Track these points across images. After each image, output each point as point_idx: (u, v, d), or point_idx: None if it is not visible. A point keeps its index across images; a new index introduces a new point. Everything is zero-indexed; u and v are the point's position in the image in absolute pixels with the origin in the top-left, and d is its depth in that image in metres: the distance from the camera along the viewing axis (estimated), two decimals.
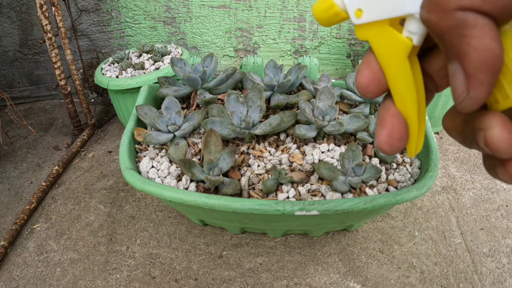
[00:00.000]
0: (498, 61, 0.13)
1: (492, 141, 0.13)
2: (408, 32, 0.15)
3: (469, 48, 0.12)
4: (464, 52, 0.13)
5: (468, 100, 0.13)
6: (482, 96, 0.13)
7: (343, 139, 0.66)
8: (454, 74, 0.14)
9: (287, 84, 0.72)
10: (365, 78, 0.16)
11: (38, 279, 0.68)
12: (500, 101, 0.14)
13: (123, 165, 0.58)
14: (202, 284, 0.66)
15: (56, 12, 0.94)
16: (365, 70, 0.16)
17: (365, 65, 0.16)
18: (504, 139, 0.13)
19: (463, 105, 0.14)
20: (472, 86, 0.13)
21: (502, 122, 0.13)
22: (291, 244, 0.73)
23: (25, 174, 0.96)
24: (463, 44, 0.13)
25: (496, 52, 0.12)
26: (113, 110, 1.25)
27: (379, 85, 0.16)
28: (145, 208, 0.83)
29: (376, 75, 0.16)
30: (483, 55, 0.12)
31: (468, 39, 0.12)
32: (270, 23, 1.16)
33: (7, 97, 0.94)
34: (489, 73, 0.13)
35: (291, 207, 0.49)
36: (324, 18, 0.17)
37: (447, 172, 0.91)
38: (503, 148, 0.13)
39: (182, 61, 0.77)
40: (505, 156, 0.14)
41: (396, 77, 0.15)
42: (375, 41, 0.16)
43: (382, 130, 0.17)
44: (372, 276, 0.67)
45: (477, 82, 0.13)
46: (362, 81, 0.16)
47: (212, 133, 0.61)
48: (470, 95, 0.13)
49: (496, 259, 0.69)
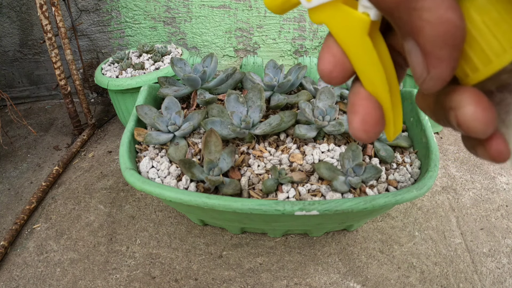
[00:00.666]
0: (458, 33, 0.11)
1: (465, 121, 0.12)
2: (363, 7, 0.13)
3: (422, 23, 0.11)
4: (418, 28, 0.11)
5: (430, 81, 0.12)
6: (445, 75, 0.12)
7: (343, 139, 0.66)
8: (410, 53, 0.12)
9: (287, 84, 0.72)
10: (328, 63, 0.14)
11: (38, 279, 0.68)
12: (469, 74, 0.12)
13: (123, 165, 0.58)
14: (202, 284, 0.66)
15: (56, 12, 0.94)
16: (326, 55, 0.14)
17: (326, 50, 0.14)
18: (478, 117, 0.12)
19: (425, 86, 0.12)
20: (432, 65, 0.12)
21: (475, 98, 0.12)
22: (291, 244, 0.73)
23: (25, 174, 0.96)
24: (414, 18, 0.11)
25: (454, 23, 0.11)
26: (113, 110, 1.25)
27: (343, 69, 0.14)
28: (145, 208, 0.83)
29: (339, 59, 0.14)
30: (439, 29, 0.11)
31: (419, 12, 0.11)
32: (270, 23, 1.16)
33: (7, 97, 0.94)
34: (449, 48, 0.11)
35: (291, 207, 0.49)
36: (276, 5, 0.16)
37: (447, 172, 0.91)
38: (478, 128, 0.12)
39: (182, 61, 0.77)
40: (482, 136, 0.12)
41: (359, 57, 0.14)
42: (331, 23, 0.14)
43: (355, 117, 0.15)
44: (372, 276, 0.67)
45: (436, 59, 0.11)
46: (324, 67, 0.14)
47: (212, 133, 0.61)
48: (431, 74, 0.12)
49: (496, 259, 0.69)
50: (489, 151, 0.13)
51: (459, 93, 0.12)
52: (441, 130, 1.07)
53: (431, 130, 0.62)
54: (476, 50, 0.12)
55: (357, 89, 0.15)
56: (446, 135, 1.05)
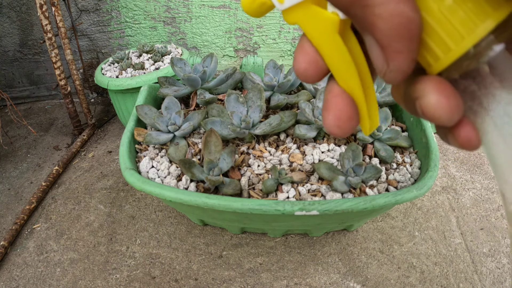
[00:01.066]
0: (411, 25, 0.11)
1: (429, 109, 0.12)
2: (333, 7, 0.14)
3: (375, 18, 0.11)
4: (371, 23, 0.11)
5: (390, 73, 0.12)
6: (404, 66, 0.12)
7: (343, 139, 0.66)
8: (370, 47, 0.12)
9: (287, 84, 0.72)
10: (302, 62, 0.15)
11: (38, 279, 0.68)
12: (432, 64, 0.12)
13: (123, 165, 0.58)
14: (202, 284, 0.66)
15: (56, 12, 0.94)
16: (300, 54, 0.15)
17: (300, 49, 0.15)
18: (442, 106, 0.12)
19: (387, 78, 0.12)
20: (390, 58, 0.12)
21: (438, 87, 0.12)
22: (291, 244, 0.73)
23: (25, 174, 0.96)
24: (367, 14, 0.11)
25: (406, 15, 0.11)
26: (113, 110, 1.25)
27: (317, 68, 0.15)
28: (145, 208, 0.83)
29: (313, 58, 0.15)
30: (392, 22, 0.11)
31: (371, 8, 0.11)
32: (270, 23, 1.16)
33: (7, 97, 0.94)
34: (404, 40, 0.11)
35: (291, 207, 0.49)
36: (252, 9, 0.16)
37: (447, 172, 0.91)
38: (442, 115, 0.12)
39: (182, 61, 0.77)
40: (448, 123, 0.12)
41: (331, 55, 0.14)
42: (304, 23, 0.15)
43: (328, 114, 0.15)
44: (372, 276, 0.67)
45: (393, 52, 0.12)
46: (299, 66, 0.15)
47: (212, 133, 0.61)
48: (390, 67, 0.12)
49: (496, 259, 0.69)
50: (458, 138, 0.13)
51: (422, 82, 0.12)
52: None
53: (431, 130, 0.62)
54: (435, 39, 0.12)
55: (331, 86, 0.15)
56: None
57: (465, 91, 0.13)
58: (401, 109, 0.74)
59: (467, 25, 0.11)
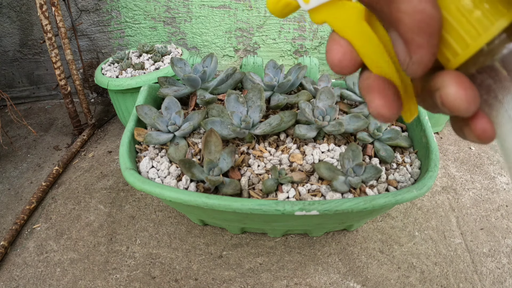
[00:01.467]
0: (433, 21, 0.12)
1: (448, 100, 0.13)
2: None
3: (399, 14, 0.12)
4: (396, 18, 0.12)
5: (412, 65, 0.13)
6: (426, 59, 0.13)
7: (343, 139, 0.66)
8: (394, 41, 0.13)
9: (287, 84, 0.72)
10: (336, 53, 0.15)
11: (38, 279, 0.68)
12: (451, 59, 0.13)
13: (123, 165, 0.58)
14: (202, 284, 0.66)
15: (56, 12, 0.94)
16: (333, 46, 0.15)
17: (332, 42, 0.15)
18: (460, 96, 0.13)
19: (409, 70, 0.13)
20: (413, 51, 0.13)
21: (457, 79, 0.13)
22: (291, 244, 0.73)
23: (25, 174, 0.96)
24: (393, 10, 0.12)
25: (428, 12, 0.12)
26: (113, 110, 1.25)
27: (351, 58, 0.15)
28: (145, 208, 0.83)
29: (346, 49, 0.15)
30: (415, 18, 0.12)
31: (396, 4, 0.12)
32: (270, 23, 1.16)
33: (7, 97, 0.94)
34: (426, 35, 0.12)
35: (291, 207, 0.49)
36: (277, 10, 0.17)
37: (447, 172, 0.91)
38: (461, 106, 0.13)
39: (182, 61, 0.77)
40: (465, 114, 0.13)
41: (360, 42, 0.15)
42: (331, 19, 0.15)
43: (374, 94, 0.15)
44: (372, 276, 0.67)
45: (416, 46, 0.13)
46: (334, 57, 0.15)
47: (212, 133, 0.61)
48: (413, 60, 0.13)
49: (496, 259, 0.69)
50: (474, 130, 0.14)
51: (442, 76, 0.13)
52: (441, 130, 1.07)
53: (431, 130, 0.62)
54: (454, 36, 0.13)
55: (367, 74, 0.16)
56: (446, 135, 1.05)
57: (481, 85, 0.13)
58: None
59: (483, 23, 0.12)
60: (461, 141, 1.03)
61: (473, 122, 0.14)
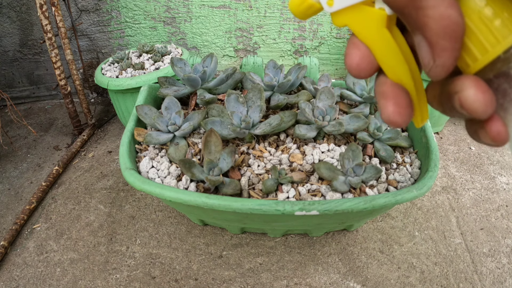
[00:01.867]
0: (457, 27, 0.13)
1: (467, 102, 0.13)
2: (380, 4, 0.15)
3: (426, 19, 0.13)
4: (423, 23, 0.13)
5: (436, 68, 0.14)
6: (449, 62, 0.13)
7: (343, 139, 0.66)
8: (419, 45, 0.14)
9: (287, 84, 0.72)
10: (355, 57, 0.16)
11: (38, 279, 0.68)
12: (470, 64, 0.14)
13: (123, 165, 0.58)
14: (202, 284, 0.66)
15: (56, 12, 0.94)
16: (352, 50, 0.16)
17: (351, 46, 0.16)
18: (479, 99, 0.13)
19: (432, 73, 0.14)
20: (437, 54, 0.13)
21: (475, 83, 0.13)
22: (291, 244, 0.73)
23: (25, 174, 0.96)
24: (420, 15, 0.13)
25: (453, 18, 0.13)
26: (113, 110, 1.25)
27: (369, 62, 0.16)
28: (145, 208, 0.83)
29: (365, 53, 0.16)
30: (441, 23, 0.13)
31: (424, 10, 0.13)
32: (270, 23, 1.16)
33: (7, 97, 0.94)
34: (450, 39, 0.13)
35: (291, 207, 0.49)
36: (300, 11, 0.17)
37: (447, 172, 0.91)
38: (479, 108, 0.13)
39: (182, 61, 0.77)
40: (483, 116, 0.14)
41: (380, 48, 0.16)
42: (353, 23, 0.16)
43: (387, 101, 0.16)
44: (372, 276, 0.67)
45: (440, 49, 0.13)
46: (352, 61, 0.16)
47: (212, 133, 0.61)
48: (436, 63, 0.14)
49: (496, 259, 0.69)
50: (489, 132, 0.14)
51: (462, 79, 0.14)
52: (441, 130, 1.07)
53: (431, 130, 0.62)
54: (475, 42, 0.13)
55: (383, 80, 0.16)
56: (446, 135, 1.05)
57: (497, 89, 0.14)
58: None
59: (502, 31, 0.13)
60: (461, 141, 1.03)
61: (489, 125, 0.14)
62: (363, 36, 0.16)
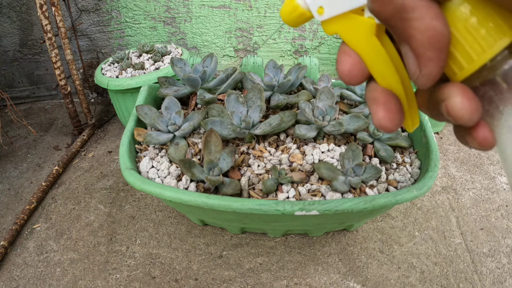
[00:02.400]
0: (442, 38, 0.13)
1: (454, 110, 0.14)
2: (369, 13, 0.16)
3: (412, 30, 0.13)
4: (409, 34, 0.13)
5: (422, 77, 0.14)
6: (434, 72, 0.14)
7: (343, 139, 0.66)
8: (405, 54, 0.14)
9: (287, 84, 0.72)
10: (346, 64, 0.16)
11: (38, 279, 0.68)
12: (457, 72, 0.14)
13: (123, 165, 0.58)
14: (202, 284, 0.66)
15: (56, 12, 0.94)
16: (343, 57, 0.16)
17: (342, 54, 0.17)
18: (465, 106, 0.13)
19: (419, 82, 0.14)
20: (423, 64, 0.14)
21: (461, 90, 0.14)
22: (291, 244, 0.73)
23: (25, 174, 0.96)
24: (406, 27, 0.13)
25: (438, 29, 0.13)
26: (113, 110, 1.25)
27: (360, 69, 0.16)
28: (145, 208, 0.83)
29: (355, 60, 0.16)
30: (426, 34, 0.13)
31: (410, 22, 0.13)
32: (270, 23, 1.16)
33: (7, 97, 0.94)
34: (435, 50, 0.13)
35: (291, 207, 0.49)
36: (291, 19, 0.18)
37: (447, 172, 0.91)
38: (465, 115, 0.14)
39: (182, 61, 0.77)
40: (469, 123, 0.14)
41: (369, 55, 0.16)
42: (343, 31, 0.16)
43: (378, 107, 0.16)
44: (372, 276, 0.67)
45: (426, 60, 0.14)
46: (343, 68, 0.16)
47: (212, 133, 0.61)
48: (422, 72, 0.14)
49: (496, 259, 0.69)
50: (476, 138, 0.14)
51: (448, 87, 0.14)
52: (441, 130, 1.07)
53: (431, 130, 0.62)
54: (461, 51, 0.14)
55: (374, 86, 0.17)
56: (446, 135, 1.05)
57: (483, 96, 0.14)
58: None
59: (487, 40, 0.13)
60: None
61: (475, 130, 0.14)
62: (353, 44, 0.16)
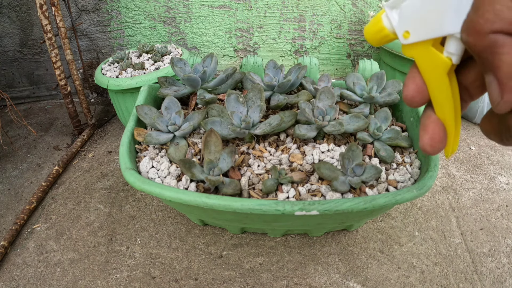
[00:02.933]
0: None
1: None
2: (448, 53, 0.17)
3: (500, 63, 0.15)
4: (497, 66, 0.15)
5: (503, 104, 0.16)
6: None
7: (343, 139, 0.66)
8: (490, 83, 0.16)
9: (287, 84, 0.72)
10: (411, 91, 0.19)
11: (38, 279, 0.68)
12: None
13: (123, 165, 0.58)
14: (202, 284, 0.66)
15: (56, 12, 0.94)
16: (411, 84, 0.19)
17: (411, 80, 0.19)
18: None
19: (499, 107, 0.16)
20: (505, 92, 0.16)
21: None
22: (291, 244, 0.73)
23: (25, 174, 0.96)
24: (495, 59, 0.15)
25: None
26: (113, 110, 1.25)
27: (422, 96, 0.19)
28: (145, 208, 0.83)
29: (420, 88, 0.19)
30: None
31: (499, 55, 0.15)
32: (270, 23, 1.16)
33: (7, 97, 0.94)
34: None
35: (291, 207, 0.49)
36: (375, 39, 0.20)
37: (447, 172, 0.91)
38: None
39: (182, 61, 0.77)
40: None
41: (437, 90, 0.18)
42: (420, 59, 0.18)
43: (425, 134, 0.20)
44: (372, 276, 0.67)
45: (508, 88, 0.15)
46: (408, 93, 0.19)
47: (212, 133, 0.61)
48: (504, 99, 0.16)
49: (496, 259, 0.69)
50: None
51: None
52: None
53: None
54: None
55: (429, 113, 0.20)
56: None
57: None
58: (401, 109, 0.74)
59: None
60: (461, 141, 1.03)
61: None
62: (425, 73, 0.18)
